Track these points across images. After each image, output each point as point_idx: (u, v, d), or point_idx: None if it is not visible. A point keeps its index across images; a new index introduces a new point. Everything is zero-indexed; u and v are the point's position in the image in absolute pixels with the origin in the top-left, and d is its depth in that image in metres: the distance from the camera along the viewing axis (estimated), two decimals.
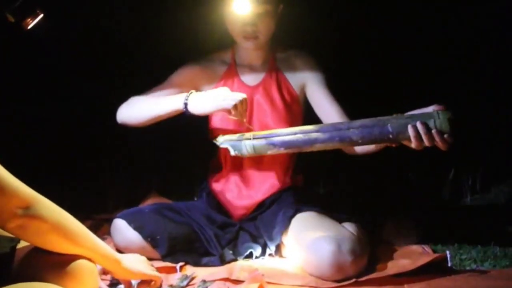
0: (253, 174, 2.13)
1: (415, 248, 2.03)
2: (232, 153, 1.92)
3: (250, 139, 1.88)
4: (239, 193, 2.14)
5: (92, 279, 1.43)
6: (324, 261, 1.75)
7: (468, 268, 1.87)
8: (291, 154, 2.12)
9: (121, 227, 2.00)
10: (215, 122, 2.12)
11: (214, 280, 1.78)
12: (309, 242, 1.80)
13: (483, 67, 2.77)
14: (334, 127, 1.78)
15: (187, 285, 1.79)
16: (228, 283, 1.76)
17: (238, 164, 2.14)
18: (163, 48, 2.68)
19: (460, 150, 2.69)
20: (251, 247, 2.02)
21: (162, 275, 1.85)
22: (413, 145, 1.70)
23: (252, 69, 2.16)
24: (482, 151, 2.83)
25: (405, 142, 1.73)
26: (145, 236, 1.98)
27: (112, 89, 2.79)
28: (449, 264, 1.78)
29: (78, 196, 2.69)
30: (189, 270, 1.92)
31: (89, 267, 1.42)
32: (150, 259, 1.99)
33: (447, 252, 1.79)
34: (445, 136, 1.66)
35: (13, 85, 2.62)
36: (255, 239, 2.08)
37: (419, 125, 1.67)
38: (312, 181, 2.38)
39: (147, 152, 2.92)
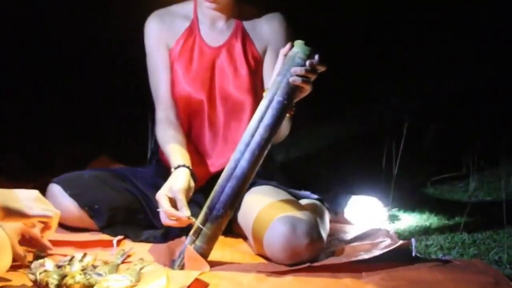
0: (210, 146, 1.94)
1: (379, 231, 1.88)
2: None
3: (195, 237, 1.55)
4: (193, 162, 1.94)
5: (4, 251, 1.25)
6: (276, 243, 1.58)
7: (433, 256, 1.72)
8: None
9: (56, 194, 1.81)
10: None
11: (153, 261, 1.60)
12: (261, 220, 1.63)
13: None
14: (245, 144, 1.56)
15: (123, 262, 1.61)
16: (167, 267, 1.58)
17: (196, 131, 1.95)
18: None
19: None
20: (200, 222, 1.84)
21: (98, 250, 1.68)
22: (306, 91, 1.58)
23: (215, 27, 1.94)
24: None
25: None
26: (82, 205, 1.80)
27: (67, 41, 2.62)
28: (414, 254, 1.62)
29: (23, 156, 2.50)
30: (128, 245, 1.74)
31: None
32: (87, 230, 1.83)
33: (412, 240, 1.63)
34: (316, 58, 1.54)
35: None
36: None
37: (296, 71, 1.54)
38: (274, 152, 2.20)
39: (101, 112, 2.72)
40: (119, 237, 1.75)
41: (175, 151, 1.79)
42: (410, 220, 2.15)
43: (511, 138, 2.86)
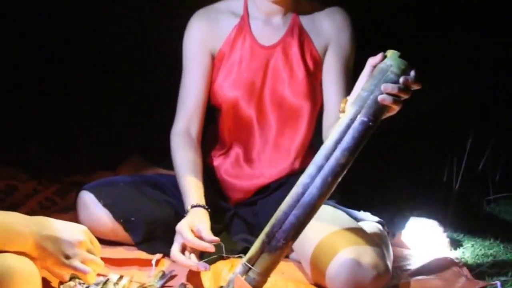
0: (260, 154, 1.74)
1: (445, 261, 1.66)
2: None
3: (248, 267, 1.33)
4: (240, 172, 1.75)
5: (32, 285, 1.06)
6: (340, 276, 1.38)
7: None
8: (306, 134, 1.74)
9: (88, 203, 1.62)
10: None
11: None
12: (323, 250, 1.43)
13: None
14: (317, 167, 1.32)
15: (163, 286, 1.42)
16: None
17: (245, 138, 1.75)
18: None
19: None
20: (246, 241, 1.64)
21: (133, 269, 1.49)
22: (393, 112, 1.33)
23: (269, 24, 1.72)
24: None
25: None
26: (117, 217, 1.60)
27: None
28: None
29: (46, 153, 2.32)
30: (168, 265, 1.54)
31: (24, 269, 1.04)
32: (121, 244, 1.64)
33: (498, 283, 1.40)
34: (412, 74, 1.30)
35: None
36: (251, 230, 1.71)
37: (387, 88, 1.28)
38: None
39: (133, 105, 2.53)
40: (158, 255, 1.56)
41: (191, 185, 1.61)
42: (472, 247, 1.94)
43: None
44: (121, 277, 1.37)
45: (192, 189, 1.59)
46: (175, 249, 1.43)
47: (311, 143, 1.78)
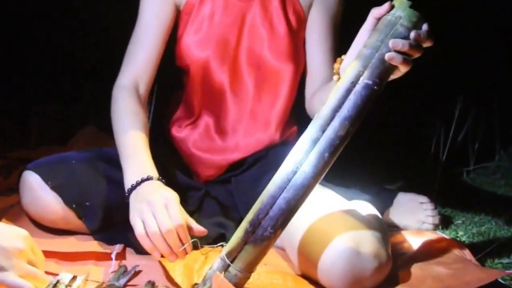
0: (234, 124, 1.52)
1: (445, 245, 1.48)
2: None
3: (229, 261, 1.11)
4: (211, 145, 1.53)
5: None
6: (333, 268, 1.17)
7: None
8: (288, 101, 1.53)
9: (33, 185, 1.36)
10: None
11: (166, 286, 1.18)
12: (311, 233, 1.23)
13: None
14: (311, 141, 1.10)
15: (126, 284, 1.19)
16: None
17: (216, 105, 1.52)
18: None
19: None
20: (221, 226, 1.43)
21: (89, 264, 1.26)
22: (401, 73, 1.12)
23: None
24: None
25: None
26: (68, 201, 1.35)
27: None
28: None
29: None
30: (131, 259, 1.31)
31: None
32: (74, 233, 1.40)
33: None
34: (424, 28, 1.10)
35: None
36: (226, 212, 1.50)
37: (397, 45, 1.07)
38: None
39: (88, 71, 2.27)
40: (119, 247, 1.32)
41: (143, 146, 1.34)
42: (463, 223, 1.79)
43: None
44: (74, 277, 1.13)
45: (146, 152, 1.32)
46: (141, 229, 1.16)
47: (292, 111, 1.56)
